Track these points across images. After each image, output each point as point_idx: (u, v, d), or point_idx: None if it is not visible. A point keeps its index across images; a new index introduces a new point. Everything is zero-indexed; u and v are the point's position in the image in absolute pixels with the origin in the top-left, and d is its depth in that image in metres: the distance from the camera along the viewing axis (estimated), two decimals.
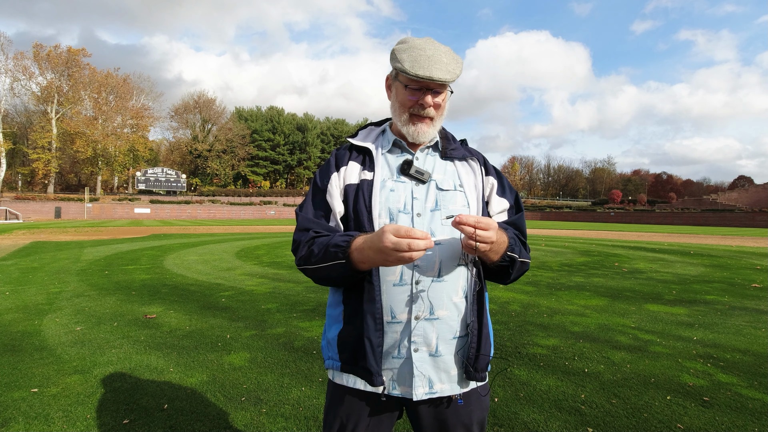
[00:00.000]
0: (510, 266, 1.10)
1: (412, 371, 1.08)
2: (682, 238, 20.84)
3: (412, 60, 1.07)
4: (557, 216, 63.91)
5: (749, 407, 2.69)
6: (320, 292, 6.22)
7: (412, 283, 1.07)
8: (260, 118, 76.90)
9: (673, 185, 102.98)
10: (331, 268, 1.04)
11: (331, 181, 1.16)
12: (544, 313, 5.10)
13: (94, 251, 11.63)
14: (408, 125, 1.15)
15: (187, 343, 3.85)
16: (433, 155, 1.21)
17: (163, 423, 2.45)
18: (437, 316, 1.08)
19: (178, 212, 54.04)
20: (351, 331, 1.11)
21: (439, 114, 1.17)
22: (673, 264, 9.97)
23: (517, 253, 1.09)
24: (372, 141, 1.23)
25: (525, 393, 2.89)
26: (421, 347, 1.08)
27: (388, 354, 1.09)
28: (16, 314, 4.84)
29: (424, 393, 1.08)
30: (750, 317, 5.00)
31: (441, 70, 1.07)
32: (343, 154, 1.21)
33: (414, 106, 1.13)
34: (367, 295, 1.07)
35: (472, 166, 1.22)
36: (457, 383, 1.11)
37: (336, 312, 1.17)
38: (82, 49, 56.65)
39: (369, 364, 1.06)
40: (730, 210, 50.41)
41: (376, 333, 1.07)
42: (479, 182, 1.20)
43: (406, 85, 1.12)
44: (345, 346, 1.12)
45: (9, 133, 54.97)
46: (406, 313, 1.08)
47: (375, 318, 1.07)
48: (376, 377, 1.07)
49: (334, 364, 1.15)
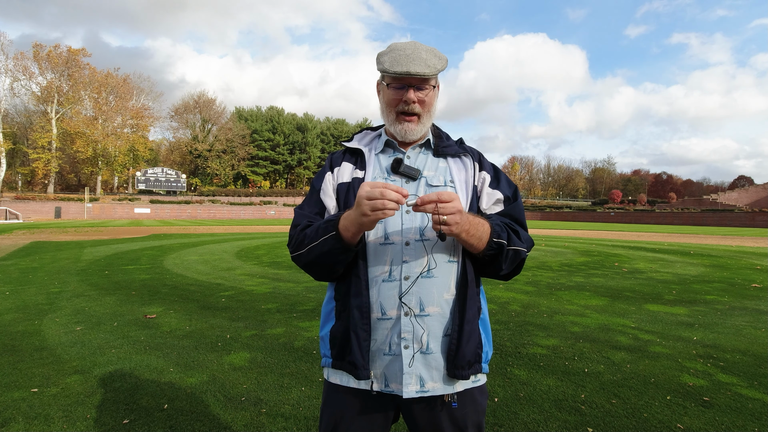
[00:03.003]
0: (498, 254, 1.08)
1: (402, 368, 1.07)
2: (682, 238, 20.84)
3: (392, 60, 1.12)
4: (557, 216, 63.90)
5: (749, 407, 2.69)
6: (320, 292, 6.22)
7: (401, 278, 1.08)
8: (260, 118, 76.90)
9: (673, 185, 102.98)
10: (322, 243, 1.06)
11: (325, 180, 1.22)
12: (544, 313, 5.10)
13: (94, 251, 11.63)
14: (395, 124, 1.18)
15: (187, 343, 3.85)
16: (425, 153, 1.23)
17: (163, 423, 2.45)
18: (428, 313, 1.09)
19: (178, 212, 54.04)
20: (340, 326, 1.13)
21: (426, 110, 1.18)
22: (673, 264, 9.97)
23: (504, 239, 1.08)
24: (366, 144, 1.28)
25: (525, 393, 2.89)
26: (411, 344, 1.08)
27: (379, 351, 1.10)
28: (16, 314, 4.84)
29: (415, 391, 1.08)
30: (750, 317, 5.00)
31: (419, 65, 1.10)
32: (337, 156, 1.27)
33: (399, 104, 1.16)
34: (353, 289, 1.09)
35: (465, 162, 1.23)
36: (447, 382, 1.11)
37: (328, 308, 1.19)
38: (82, 49, 56.63)
39: (354, 358, 1.08)
40: (730, 210, 50.37)
41: (363, 327, 1.08)
42: (470, 178, 1.21)
43: (388, 84, 1.16)
44: (335, 341, 1.14)
45: (9, 133, 54.95)
46: (395, 309, 1.08)
47: (362, 312, 1.08)
48: (361, 371, 1.08)
49: (327, 360, 1.16)
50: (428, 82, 1.15)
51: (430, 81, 1.15)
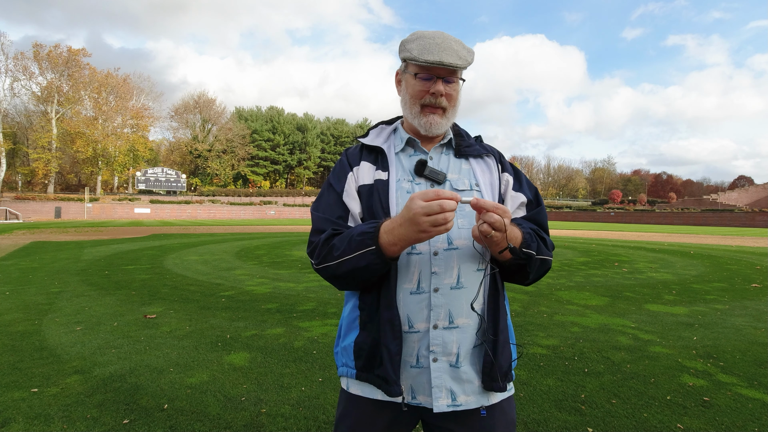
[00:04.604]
0: (527, 264, 1.02)
1: (431, 382, 1.02)
2: (682, 238, 20.83)
3: (421, 48, 1.04)
4: (557, 216, 63.88)
5: (749, 407, 2.69)
6: (320, 292, 6.22)
7: (429, 290, 1.03)
8: (260, 118, 76.86)
9: (673, 185, 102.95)
10: (358, 258, 0.96)
11: (347, 180, 1.12)
12: (544, 313, 5.10)
13: (94, 251, 11.63)
14: (419, 117, 1.10)
15: (187, 343, 3.85)
16: (447, 154, 1.16)
17: (163, 423, 2.45)
18: (457, 325, 1.03)
19: (178, 212, 54.00)
20: (366, 337, 1.06)
21: (452, 105, 1.11)
22: (673, 264, 9.97)
23: (534, 249, 1.02)
24: (384, 140, 1.18)
25: (525, 393, 2.89)
26: (440, 357, 1.03)
27: (406, 363, 1.04)
28: (16, 314, 4.84)
29: (446, 405, 1.02)
30: (750, 317, 5.00)
31: (451, 56, 1.03)
32: (354, 154, 1.17)
33: (425, 96, 1.09)
34: (384, 301, 1.02)
35: (488, 163, 1.17)
36: (481, 395, 1.05)
37: (352, 317, 1.11)
38: (82, 49, 56.51)
39: (386, 373, 1.01)
40: (730, 210, 50.37)
41: (395, 342, 1.01)
42: (495, 180, 1.14)
43: (416, 73, 1.08)
44: (360, 353, 1.07)
45: (9, 133, 54.89)
46: (424, 322, 1.03)
47: (393, 325, 1.01)
48: (393, 386, 1.01)
49: (349, 371, 1.10)
50: (456, 74, 1.08)
51: (458, 74, 1.09)
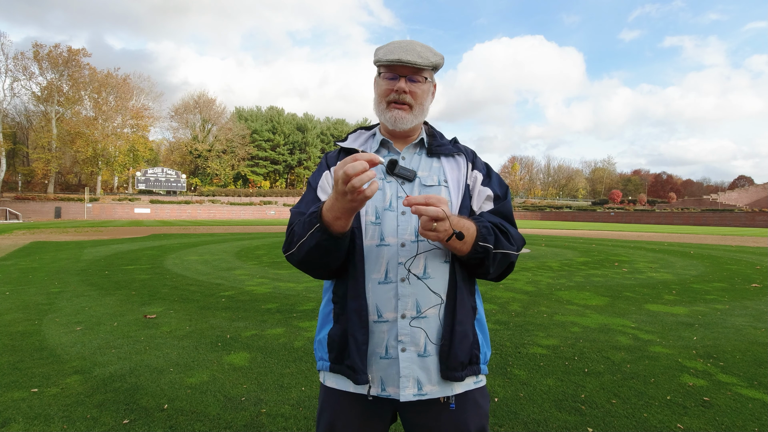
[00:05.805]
0: (485, 257, 1.05)
1: (399, 372, 1.06)
2: (682, 238, 20.83)
3: (386, 50, 1.14)
4: (557, 216, 63.89)
5: (749, 407, 2.69)
6: (320, 292, 6.22)
7: (396, 280, 1.07)
8: (260, 118, 76.85)
9: (673, 185, 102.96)
10: (309, 238, 1.01)
11: (323, 177, 1.21)
12: (544, 313, 5.10)
13: (94, 251, 11.63)
14: (386, 113, 1.17)
15: (187, 343, 3.85)
16: (420, 153, 1.22)
17: (163, 423, 2.45)
18: (425, 315, 1.07)
19: (178, 212, 53.98)
20: (339, 329, 1.11)
21: (418, 103, 1.16)
22: (673, 264, 9.97)
23: (491, 243, 1.04)
24: (361, 144, 1.26)
25: (525, 393, 2.89)
26: (408, 347, 1.07)
27: (376, 354, 1.08)
28: (16, 314, 4.84)
29: (413, 394, 1.06)
30: (750, 317, 5.00)
31: (411, 55, 1.10)
32: (333, 156, 1.26)
33: (390, 94, 1.15)
34: (351, 292, 1.07)
35: (459, 161, 1.22)
36: (444, 384, 1.09)
37: (326, 311, 1.17)
38: (81, 49, 56.49)
39: (353, 362, 1.06)
40: (730, 210, 50.36)
41: (361, 330, 1.06)
42: (462, 177, 1.19)
43: (381, 73, 1.17)
44: (333, 344, 1.11)
45: (9, 133, 54.89)
46: (392, 312, 1.07)
47: (360, 315, 1.06)
48: (359, 375, 1.06)
49: (324, 364, 1.14)
50: (421, 73, 1.14)
51: (422, 73, 1.15)
